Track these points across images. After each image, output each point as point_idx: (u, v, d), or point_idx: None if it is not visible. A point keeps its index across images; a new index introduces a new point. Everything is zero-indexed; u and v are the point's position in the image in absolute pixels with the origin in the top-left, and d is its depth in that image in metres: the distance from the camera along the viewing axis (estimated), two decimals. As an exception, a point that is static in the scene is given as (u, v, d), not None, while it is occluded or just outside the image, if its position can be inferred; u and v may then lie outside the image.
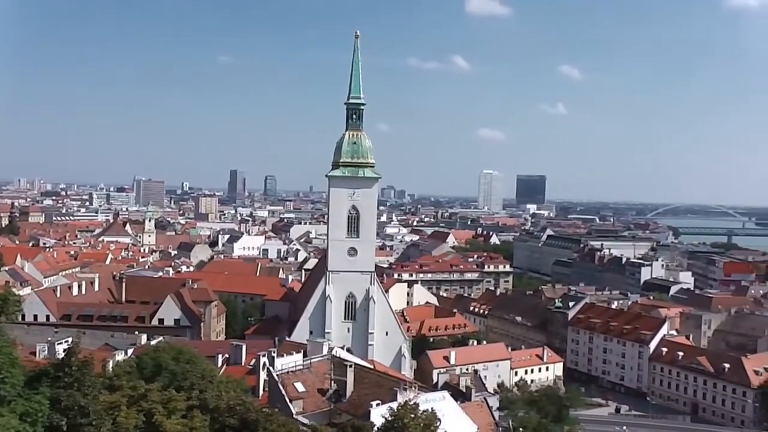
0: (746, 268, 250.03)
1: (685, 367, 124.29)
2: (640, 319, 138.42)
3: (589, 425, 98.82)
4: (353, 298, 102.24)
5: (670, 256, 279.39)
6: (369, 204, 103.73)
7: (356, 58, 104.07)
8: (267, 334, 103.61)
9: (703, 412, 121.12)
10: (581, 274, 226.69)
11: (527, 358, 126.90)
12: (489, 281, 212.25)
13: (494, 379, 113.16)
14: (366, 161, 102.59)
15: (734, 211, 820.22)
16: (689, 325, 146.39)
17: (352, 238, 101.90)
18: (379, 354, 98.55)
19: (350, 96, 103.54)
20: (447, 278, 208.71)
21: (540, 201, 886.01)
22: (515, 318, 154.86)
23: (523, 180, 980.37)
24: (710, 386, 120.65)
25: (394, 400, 50.34)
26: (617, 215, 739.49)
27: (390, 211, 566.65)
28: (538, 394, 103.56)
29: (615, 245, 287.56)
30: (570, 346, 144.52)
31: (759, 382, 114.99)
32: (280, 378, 57.81)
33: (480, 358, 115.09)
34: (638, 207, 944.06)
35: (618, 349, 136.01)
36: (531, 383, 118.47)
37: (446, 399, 55.59)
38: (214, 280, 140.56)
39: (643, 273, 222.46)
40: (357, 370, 59.54)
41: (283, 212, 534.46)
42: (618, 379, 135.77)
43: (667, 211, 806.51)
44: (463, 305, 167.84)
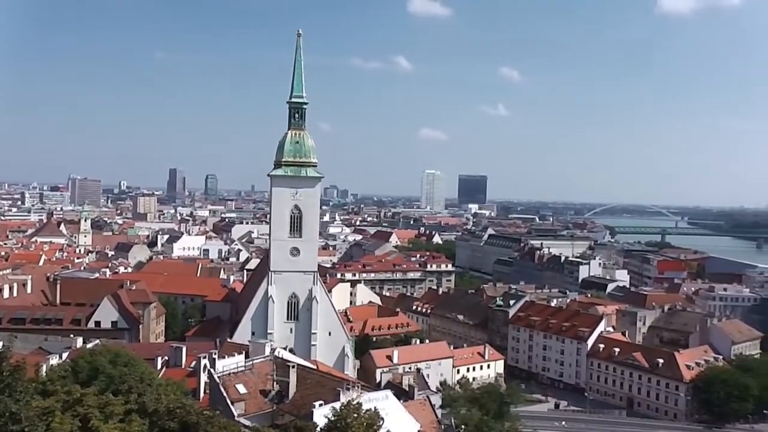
0: (679, 266, 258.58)
1: (621, 362, 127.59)
2: (579, 317, 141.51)
3: (529, 421, 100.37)
4: (296, 299, 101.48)
5: (606, 255, 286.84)
6: (311, 203, 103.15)
7: (298, 57, 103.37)
8: (208, 336, 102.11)
9: (638, 407, 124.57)
10: (521, 273, 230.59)
11: (469, 356, 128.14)
12: (431, 280, 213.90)
13: (437, 378, 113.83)
14: (308, 161, 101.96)
15: (668, 210, 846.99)
16: (625, 321, 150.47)
17: (295, 237, 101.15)
18: (322, 354, 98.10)
19: (293, 95, 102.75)
20: (390, 278, 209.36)
21: (481, 201, 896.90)
22: (457, 316, 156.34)
23: (465, 180, 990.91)
24: (645, 381, 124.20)
25: (337, 400, 50.18)
26: (556, 215, 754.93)
27: (333, 211, 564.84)
28: (479, 391, 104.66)
29: (554, 244, 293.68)
30: (511, 343, 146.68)
31: (691, 377, 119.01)
32: (221, 380, 56.97)
33: (423, 357, 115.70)
34: (576, 207, 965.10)
35: (557, 346, 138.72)
36: (473, 381, 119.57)
37: (389, 398, 55.59)
38: (153, 281, 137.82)
39: (581, 271, 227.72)
40: (299, 370, 59.17)
41: (224, 212, 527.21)
42: (557, 375, 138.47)
43: (604, 211, 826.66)
44: (405, 304, 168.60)
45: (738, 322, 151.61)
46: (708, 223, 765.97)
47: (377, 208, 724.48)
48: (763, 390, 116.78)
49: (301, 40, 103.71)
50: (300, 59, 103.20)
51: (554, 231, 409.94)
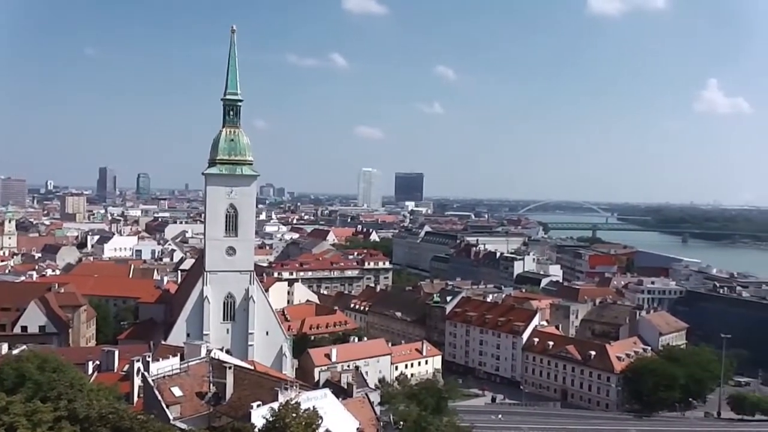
0: (609, 260, 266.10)
1: (555, 355, 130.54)
2: (514, 312, 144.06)
3: (467, 415, 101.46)
4: (232, 299, 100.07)
5: (540, 251, 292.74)
6: (247, 202, 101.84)
7: (233, 54, 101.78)
8: (141, 339, 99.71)
9: (571, 398, 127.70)
10: (458, 269, 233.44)
11: (407, 352, 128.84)
12: (369, 278, 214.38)
13: (375, 375, 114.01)
14: (244, 159, 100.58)
15: (598, 207, 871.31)
16: (558, 315, 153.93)
17: (230, 237, 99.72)
18: (259, 354, 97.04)
19: (227, 92, 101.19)
20: (327, 276, 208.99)
21: (418, 198, 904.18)
22: (395, 313, 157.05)
23: (402, 177, 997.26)
24: (578, 373, 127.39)
25: (275, 400, 49.80)
26: (491, 212, 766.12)
27: (269, 209, 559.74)
28: (417, 387, 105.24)
29: (489, 241, 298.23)
30: (448, 339, 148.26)
31: (621, 368, 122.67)
32: (155, 383, 55.70)
33: (361, 355, 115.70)
34: (511, 204, 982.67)
35: (493, 340, 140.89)
36: (411, 377, 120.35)
37: (328, 396, 55.47)
38: (83, 283, 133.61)
39: (516, 267, 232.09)
40: (237, 371, 58.39)
41: (157, 211, 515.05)
42: (493, 369, 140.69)
43: (538, 208, 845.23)
44: (343, 302, 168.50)
45: (665, 314, 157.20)
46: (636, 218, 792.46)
47: (314, 206, 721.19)
48: (689, 379, 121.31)
49: (235, 36, 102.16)
50: (234, 56, 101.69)
51: (489, 228, 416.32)
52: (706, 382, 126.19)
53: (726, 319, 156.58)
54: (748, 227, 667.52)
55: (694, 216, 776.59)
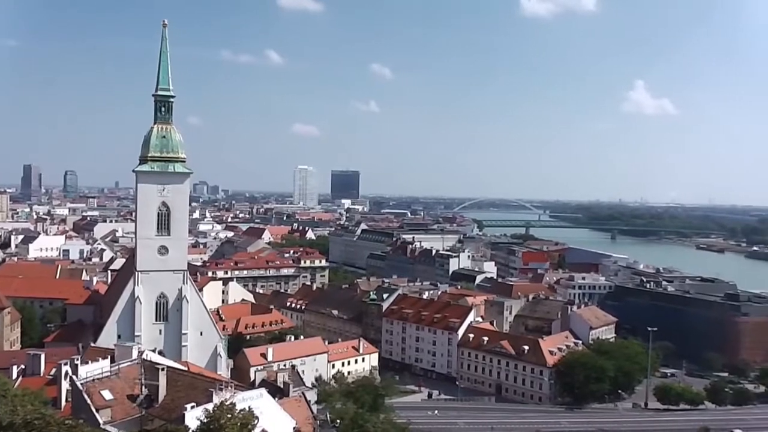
0: (542, 257, 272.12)
1: (490, 351, 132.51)
2: (449, 308, 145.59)
3: (403, 412, 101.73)
4: (165, 299, 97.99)
5: (475, 248, 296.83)
6: (180, 200, 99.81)
7: (164, 48, 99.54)
8: (69, 341, 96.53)
9: (506, 392, 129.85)
10: (394, 267, 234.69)
11: (344, 350, 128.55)
12: (305, 276, 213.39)
13: (312, 373, 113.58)
14: (176, 156, 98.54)
15: (531, 204, 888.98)
16: (493, 311, 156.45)
17: (163, 236, 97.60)
18: (193, 355, 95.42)
19: (158, 87, 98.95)
20: (263, 275, 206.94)
21: (354, 196, 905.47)
22: (332, 312, 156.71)
23: (338, 175, 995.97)
24: (512, 367, 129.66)
25: (209, 401, 49.22)
26: (427, 209, 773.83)
27: (203, 207, 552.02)
28: (354, 385, 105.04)
29: (425, 238, 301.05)
30: (385, 336, 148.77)
31: (553, 362, 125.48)
32: (84, 386, 54.14)
33: (298, 353, 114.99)
34: (446, 201, 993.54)
35: (429, 337, 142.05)
36: (348, 375, 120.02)
37: (264, 396, 55.03)
38: (7, 284, 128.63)
39: (452, 264, 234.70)
40: (170, 372, 57.30)
41: (85, 210, 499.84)
42: (430, 365, 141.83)
43: (472, 205, 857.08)
44: (279, 301, 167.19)
45: (595, 309, 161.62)
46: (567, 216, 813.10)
47: (249, 204, 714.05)
48: (617, 371, 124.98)
49: (166, 31, 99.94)
50: (166, 50, 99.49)
51: (425, 225, 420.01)
52: (633, 374, 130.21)
53: (652, 312, 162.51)
54: (674, 224, 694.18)
55: (623, 213, 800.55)
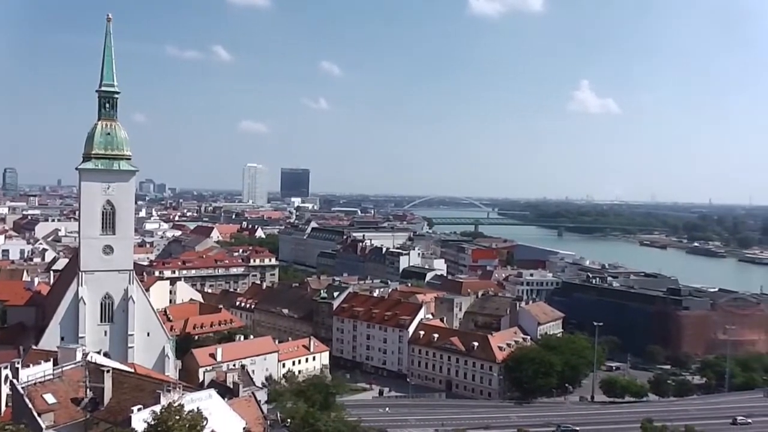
0: (491, 254, 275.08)
1: (440, 347, 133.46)
2: (400, 306, 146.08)
3: (354, 410, 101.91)
4: (110, 299, 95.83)
5: (425, 245, 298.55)
6: (125, 198, 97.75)
7: (108, 43, 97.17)
8: (9, 344, 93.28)
9: (456, 388, 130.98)
10: (345, 265, 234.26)
11: (294, 349, 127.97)
12: (255, 275, 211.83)
13: (262, 373, 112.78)
14: (121, 153, 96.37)
15: (480, 202, 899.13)
16: (443, 308, 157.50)
17: (108, 235, 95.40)
18: (140, 356, 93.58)
19: (102, 83, 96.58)
20: (212, 274, 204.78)
21: (304, 194, 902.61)
22: (282, 310, 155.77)
23: (288, 173, 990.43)
24: (462, 364, 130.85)
25: (157, 403, 48.43)
26: (377, 207, 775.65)
27: (149, 206, 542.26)
28: (305, 384, 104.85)
29: (376, 236, 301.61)
30: (335, 334, 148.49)
31: (503, 357, 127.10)
32: (26, 390, 52.57)
33: (247, 353, 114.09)
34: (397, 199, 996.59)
35: (380, 335, 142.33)
36: (299, 374, 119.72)
37: (213, 397, 54.37)
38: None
39: (402, 261, 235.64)
40: (115, 374, 56.11)
41: (26, 209, 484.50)
42: (381, 363, 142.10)
43: (423, 203, 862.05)
44: (229, 300, 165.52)
45: (543, 305, 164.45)
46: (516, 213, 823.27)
47: (197, 202, 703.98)
48: (565, 366, 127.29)
49: (110, 25, 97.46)
50: (110, 45, 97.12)
51: (376, 223, 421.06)
52: (580, 368, 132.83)
53: (598, 307, 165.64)
54: (618, 221, 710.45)
55: (569, 210, 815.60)
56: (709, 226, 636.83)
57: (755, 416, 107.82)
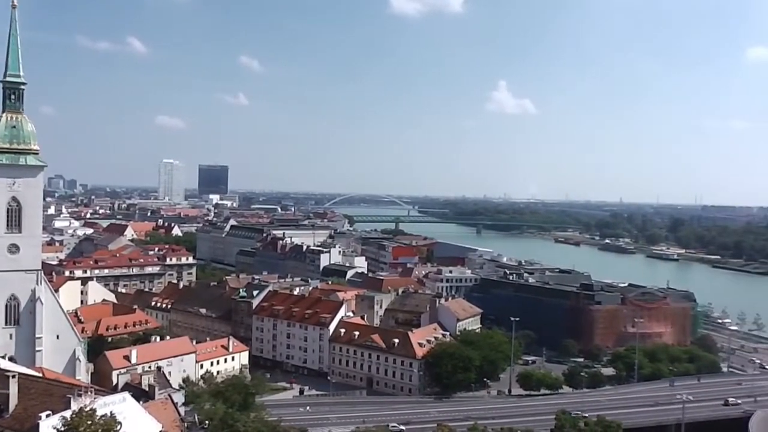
0: (411, 251, 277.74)
1: (361, 345, 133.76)
2: (320, 304, 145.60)
3: (275, 409, 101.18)
4: (16, 301, 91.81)
5: (346, 243, 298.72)
6: (33, 195, 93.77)
7: (14, 32, 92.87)
8: None
9: (377, 385, 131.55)
10: (265, 263, 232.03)
11: (213, 349, 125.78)
12: (171, 274, 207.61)
13: (179, 374, 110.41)
14: (28, 147, 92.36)
15: (400, 200, 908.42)
16: (364, 306, 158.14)
17: (13, 233, 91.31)
18: (49, 360, 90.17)
19: (7, 73, 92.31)
20: (126, 273, 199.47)
21: (223, 191, 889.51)
22: (199, 310, 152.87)
23: (206, 170, 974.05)
24: (382, 361, 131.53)
25: (67, 408, 46.77)
26: (298, 205, 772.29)
27: (59, 203, 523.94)
28: (224, 384, 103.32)
29: (296, 234, 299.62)
30: (255, 334, 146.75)
31: (422, 353, 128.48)
32: None
33: (163, 354, 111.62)
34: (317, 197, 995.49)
35: (300, 333, 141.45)
36: (217, 374, 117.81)
37: (127, 400, 52.84)
38: None
39: (323, 259, 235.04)
40: (22, 379, 53.62)
41: None
42: (301, 362, 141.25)
43: (343, 201, 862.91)
44: (144, 301, 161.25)
45: (462, 301, 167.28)
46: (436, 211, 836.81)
47: (110, 199, 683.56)
48: (483, 360, 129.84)
49: (16, 13, 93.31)
50: (15, 34, 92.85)
51: (296, 221, 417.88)
52: (498, 363, 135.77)
53: (515, 303, 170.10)
54: (534, 219, 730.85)
55: (487, 208, 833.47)
56: (619, 224, 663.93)
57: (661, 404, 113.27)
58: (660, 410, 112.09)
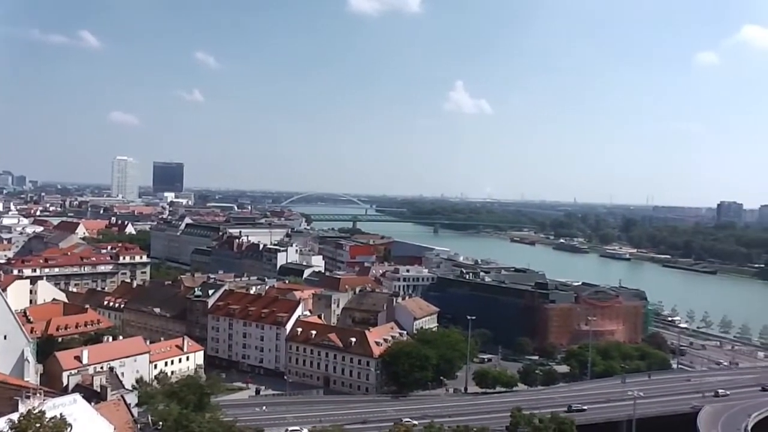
0: (368, 250, 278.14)
1: (318, 344, 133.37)
2: (277, 303, 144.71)
3: (230, 410, 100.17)
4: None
5: (303, 242, 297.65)
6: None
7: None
8: None
9: (334, 384, 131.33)
10: (220, 262, 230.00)
11: (167, 349, 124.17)
12: (125, 273, 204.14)
13: (133, 375, 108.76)
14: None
15: (358, 199, 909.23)
16: (321, 305, 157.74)
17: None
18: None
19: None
20: (77, 272, 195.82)
21: (178, 189, 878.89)
22: (153, 309, 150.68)
23: (161, 167, 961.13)
24: (340, 360, 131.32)
25: (15, 410, 45.81)
26: (255, 203, 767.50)
27: (7, 200, 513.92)
28: (178, 385, 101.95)
29: (253, 232, 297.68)
30: (210, 333, 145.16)
31: (380, 352, 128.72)
32: None
33: (116, 355, 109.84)
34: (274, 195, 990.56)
35: (257, 332, 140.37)
36: (171, 375, 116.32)
37: (78, 402, 51.93)
38: None
39: (280, 258, 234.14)
40: (-33, 381, 52.15)
41: None
42: (258, 361, 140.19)
43: (300, 199, 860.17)
44: (96, 300, 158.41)
45: (419, 300, 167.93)
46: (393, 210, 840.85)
47: (61, 196, 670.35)
48: (440, 359, 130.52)
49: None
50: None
51: (253, 219, 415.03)
52: (455, 361, 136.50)
53: (471, 302, 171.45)
54: (490, 218, 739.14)
55: (444, 208, 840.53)
56: (573, 224, 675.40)
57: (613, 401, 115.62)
58: (612, 406, 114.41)
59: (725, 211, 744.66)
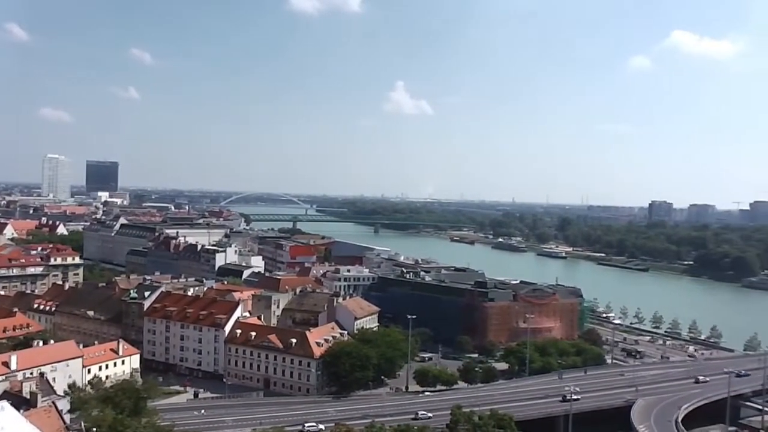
0: (309, 250, 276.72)
1: (258, 345, 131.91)
2: (216, 304, 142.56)
3: (168, 414, 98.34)
4: None
5: (242, 242, 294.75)
6: None
7: None
8: None
9: (274, 386, 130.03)
10: (157, 263, 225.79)
11: (101, 353, 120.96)
12: (56, 275, 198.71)
13: (65, 380, 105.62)
14: None
15: (298, 199, 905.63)
16: (260, 306, 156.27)
17: None
18: None
19: None
20: (5, 274, 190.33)
21: (113, 188, 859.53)
22: (87, 312, 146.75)
23: (94, 166, 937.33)
24: (280, 361, 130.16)
25: (-63, 420, 43.33)
26: (192, 203, 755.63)
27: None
28: (113, 389, 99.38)
29: (190, 233, 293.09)
30: (147, 336, 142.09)
31: (320, 353, 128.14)
32: None
33: (47, 360, 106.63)
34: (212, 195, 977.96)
35: (195, 335, 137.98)
36: (106, 379, 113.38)
37: (5, 409, 50.15)
38: None
39: (218, 259, 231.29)
40: None
41: None
42: (196, 364, 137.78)
43: (239, 199, 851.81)
44: (25, 303, 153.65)
45: (360, 300, 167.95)
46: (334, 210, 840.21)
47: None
48: (381, 358, 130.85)
49: None
50: None
51: (190, 219, 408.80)
52: (396, 360, 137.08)
53: (412, 301, 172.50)
54: (431, 218, 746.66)
55: (385, 208, 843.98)
56: (512, 223, 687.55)
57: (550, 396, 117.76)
58: (549, 402, 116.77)
59: (656, 211, 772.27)
